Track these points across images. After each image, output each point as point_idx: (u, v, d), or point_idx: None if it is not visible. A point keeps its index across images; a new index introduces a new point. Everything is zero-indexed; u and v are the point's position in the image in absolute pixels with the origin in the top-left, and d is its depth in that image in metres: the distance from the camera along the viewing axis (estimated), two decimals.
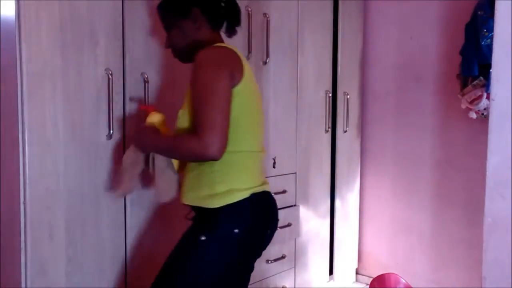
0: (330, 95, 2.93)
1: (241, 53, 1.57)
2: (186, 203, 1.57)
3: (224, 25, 1.66)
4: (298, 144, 2.73)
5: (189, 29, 1.59)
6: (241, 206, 1.49)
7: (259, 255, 1.63)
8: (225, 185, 1.49)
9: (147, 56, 1.96)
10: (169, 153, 1.56)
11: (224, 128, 1.40)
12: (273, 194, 1.65)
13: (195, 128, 1.42)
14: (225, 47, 1.51)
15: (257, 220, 1.54)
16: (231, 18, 1.65)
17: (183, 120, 1.53)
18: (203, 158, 1.42)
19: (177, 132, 1.56)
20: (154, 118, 1.67)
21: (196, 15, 1.58)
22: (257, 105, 1.60)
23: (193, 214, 1.61)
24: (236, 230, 1.47)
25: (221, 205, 1.48)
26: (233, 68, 1.47)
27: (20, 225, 1.64)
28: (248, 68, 1.54)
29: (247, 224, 1.50)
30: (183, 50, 1.63)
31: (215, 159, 1.40)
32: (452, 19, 2.84)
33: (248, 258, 1.57)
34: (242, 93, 1.48)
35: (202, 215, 1.54)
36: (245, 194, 1.50)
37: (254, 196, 1.52)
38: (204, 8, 1.58)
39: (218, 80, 1.42)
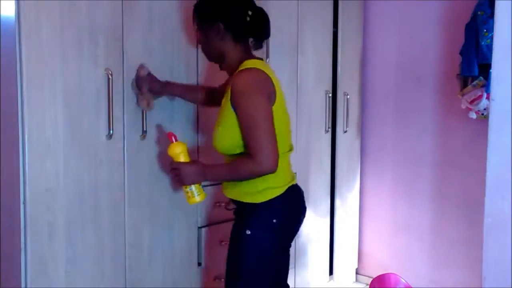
0: (330, 95, 2.93)
1: (271, 69, 1.74)
2: (229, 196, 1.79)
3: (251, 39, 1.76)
4: (298, 144, 2.73)
5: (213, 39, 1.72)
6: (276, 201, 1.70)
7: (292, 240, 1.85)
8: (264, 184, 1.67)
9: (146, 56, 1.96)
10: (229, 179, 1.74)
11: (274, 145, 1.60)
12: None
13: (249, 151, 1.60)
14: (258, 71, 1.65)
15: (290, 211, 1.75)
16: (257, 34, 1.76)
17: (222, 137, 1.68)
18: (262, 175, 1.62)
19: (216, 148, 1.72)
20: (177, 148, 1.73)
21: (219, 29, 1.69)
22: (286, 112, 1.78)
23: (233, 206, 1.83)
24: (274, 220, 1.69)
25: (260, 201, 1.69)
26: (269, 92, 1.65)
27: (20, 225, 1.64)
28: (278, 84, 1.70)
29: (282, 215, 1.71)
30: (207, 54, 1.80)
31: (272, 172, 1.61)
32: (452, 19, 2.84)
33: (284, 242, 1.78)
34: (277, 111, 1.66)
35: (243, 209, 1.75)
36: (280, 191, 1.71)
37: (286, 191, 1.73)
38: (227, 24, 1.69)
39: (262, 105, 1.60)
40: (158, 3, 1.97)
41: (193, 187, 1.73)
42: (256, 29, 1.74)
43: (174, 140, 1.75)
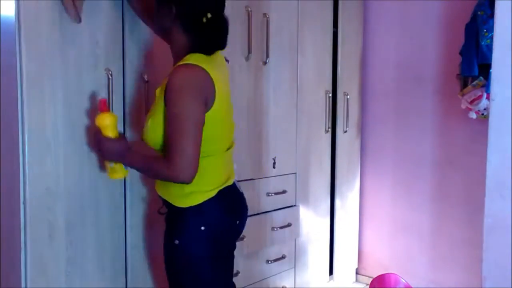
0: (330, 95, 2.93)
1: (219, 62, 1.62)
2: (159, 193, 1.68)
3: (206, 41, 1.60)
4: (298, 144, 2.73)
5: (164, 16, 1.59)
6: (205, 206, 1.59)
7: (233, 245, 1.75)
8: (192, 187, 1.56)
9: (146, 56, 1.96)
10: (140, 170, 1.67)
11: (195, 155, 1.48)
12: (237, 183, 1.75)
13: (167, 152, 1.50)
14: (197, 68, 1.51)
15: (221, 216, 1.63)
16: (207, 39, 1.58)
17: (152, 130, 1.58)
18: (175, 182, 1.52)
19: (145, 140, 1.63)
20: (106, 119, 1.63)
21: (171, 12, 1.57)
22: (227, 110, 1.66)
23: (165, 209, 1.71)
24: (202, 228, 1.58)
25: (188, 205, 1.59)
26: (207, 94, 1.52)
27: (20, 225, 1.64)
28: (220, 82, 1.57)
29: (211, 221, 1.60)
30: (155, 25, 1.72)
31: (186, 183, 1.50)
32: (452, 19, 2.84)
33: (222, 249, 1.67)
34: (216, 112, 1.55)
35: (172, 214, 1.66)
36: (210, 194, 1.60)
37: (217, 194, 1.61)
38: (180, 12, 1.56)
39: (193, 109, 1.49)
40: None
41: (113, 164, 1.68)
42: (209, 35, 1.58)
43: (105, 110, 1.64)
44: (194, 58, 1.53)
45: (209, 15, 1.55)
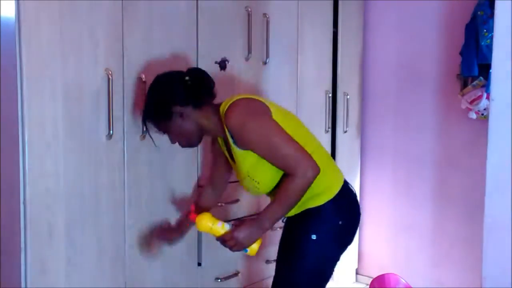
0: (330, 95, 2.93)
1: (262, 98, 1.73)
2: (291, 215, 1.70)
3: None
4: None
5: (183, 124, 1.69)
6: (339, 199, 1.66)
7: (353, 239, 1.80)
8: (321, 184, 1.63)
9: (146, 56, 1.96)
10: (289, 208, 1.62)
11: (302, 150, 1.56)
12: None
13: (287, 169, 1.57)
14: (237, 101, 1.62)
15: (353, 209, 1.73)
16: (204, 87, 1.72)
17: (264, 175, 1.64)
18: (312, 181, 1.56)
19: (263, 191, 1.69)
20: (204, 220, 1.68)
21: (180, 110, 1.68)
22: (291, 116, 1.79)
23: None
24: (340, 222, 1.66)
25: (324, 201, 1.64)
26: (261, 107, 1.63)
27: (20, 225, 1.64)
28: (263, 99, 1.70)
29: (347, 214, 1.70)
30: (190, 142, 1.76)
31: (319, 173, 1.56)
32: (452, 19, 2.84)
33: (346, 243, 1.76)
34: (278, 118, 1.63)
35: (304, 215, 1.67)
36: (338, 188, 1.67)
37: (343, 187, 1.69)
38: (180, 101, 1.67)
39: (265, 123, 1.59)
40: (158, 3, 1.97)
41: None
42: (200, 85, 1.71)
43: (195, 213, 1.75)
44: (224, 104, 1.65)
45: (186, 78, 1.69)
